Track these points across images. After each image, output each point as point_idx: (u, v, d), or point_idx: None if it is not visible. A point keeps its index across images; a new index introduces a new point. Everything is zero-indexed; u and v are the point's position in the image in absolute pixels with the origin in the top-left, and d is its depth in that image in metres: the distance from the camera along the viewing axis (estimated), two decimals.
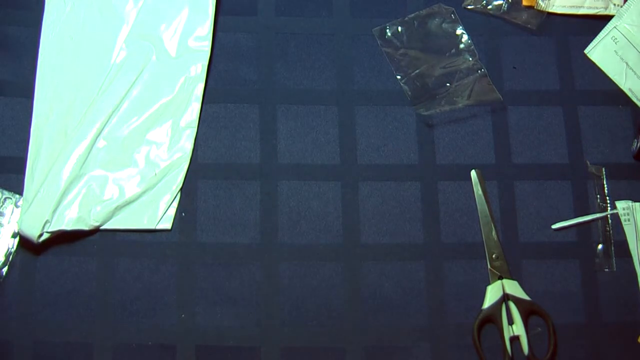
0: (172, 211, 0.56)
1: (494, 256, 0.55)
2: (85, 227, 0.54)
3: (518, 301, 0.54)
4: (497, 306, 0.54)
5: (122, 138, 0.56)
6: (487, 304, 0.54)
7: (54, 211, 0.53)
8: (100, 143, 0.55)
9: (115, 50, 0.58)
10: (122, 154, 0.56)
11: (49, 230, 0.53)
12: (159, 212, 0.55)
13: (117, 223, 0.55)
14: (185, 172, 0.56)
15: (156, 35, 0.58)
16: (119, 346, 0.53)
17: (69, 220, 0.53)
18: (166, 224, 0.55)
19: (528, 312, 0.54)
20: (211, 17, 0.59)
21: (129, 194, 0.55)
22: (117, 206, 0.54)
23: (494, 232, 0.56)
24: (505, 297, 0.54)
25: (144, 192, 0.55)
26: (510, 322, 0.54)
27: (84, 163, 0.54)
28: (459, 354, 0.54)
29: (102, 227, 0.54)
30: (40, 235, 0.53)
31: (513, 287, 0.55)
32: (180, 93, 0.57)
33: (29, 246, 0.55)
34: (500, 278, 0.55)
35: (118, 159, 0.56)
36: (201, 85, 0.58)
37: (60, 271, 0.54)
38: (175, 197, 0.56)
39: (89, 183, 0.54)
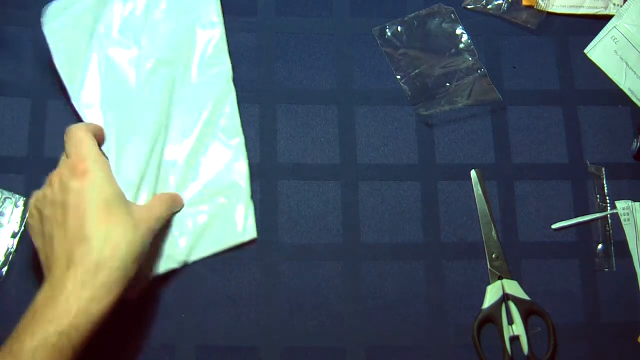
0: (252, 220, 0.55)
1: (494, 256, 0.55)
2: (176, 265, 0.53)
3: (518, 301, 0.54)
4: (497, 306, 0.54)
5: (176, 168, 0.55)
6: (487, 304, 0.54)
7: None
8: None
9: (139, 81, 0.56)
10: (179, 182, 0.55)
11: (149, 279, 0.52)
12: (238, 227, 0.54)
13: (203, 251, 0.54)
14: (248, 179, 0.56)
15: (175, 58, 0.57)
16: (118, 345, 0.53)
17: (163, 260, 0.52)
18: (252, 233, 0.55)
19: (528, 312, 0.54)
20: (222, 30, 0.58)
21: (202, 220, 0.54)
22: (197, 234, 0.54)
23: (494, 232, 0.56)
24: (505, 297, 0.54)
25: (216, 215, 0.54)
26: (510, 322, 0.54)
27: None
28: (459, 354, 0.54)
29: (190, 260, 0.54)
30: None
31: (513, 287, 0.55)
32: (216, 108, 0.57)
33: (29, 246, 0.55)
34: (500, 278, 0.55)
35: (178, 190, 0.55)
36: (234, 98, 0.57)
37: None
38: (249, 206, 0.55)
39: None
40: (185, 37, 0.58)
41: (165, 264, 0.52)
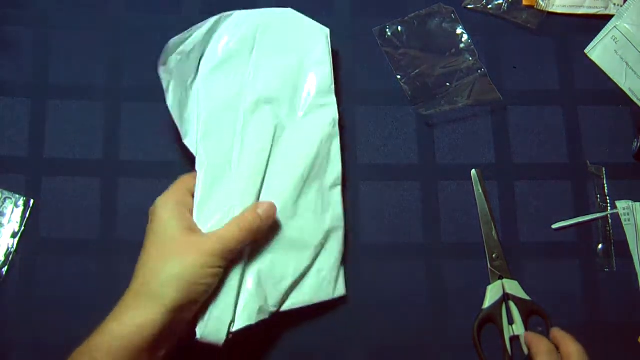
0: (342, 276, 0.53)
1: (494, 256, 0.55)
2: (267, 317, 0.50)
3: (518, 301, 0.54)
4: (497, 306, 0.54)
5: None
6: (487, 303, 0.54)
7: (235, 310, 0.48)
8: None
9: (239, 123, 0.53)
10: (275, 233, 0.51)
11: (234, 330, 0.48)
12: (330, 282, 0.52)
13: (291, 304, 0.51)
14: (343, 233, 0.54)
15: (279, 97, 0.54)
16: None
17: (250, 314, 0.49)
18: (341, 290, 0.53)
19: (528, 312, 0.54)
20: (330, 68, 0.55)
21: (295, 271, 0.51)
22: (290, 286, 0.51)
23: (494, 232, 0.56)
24: (506, 297, 0.54)
25: (310, 266, 0.52)
26: (511, 321, 0.54)
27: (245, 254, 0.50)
28: (459, 354, 0.54)
29: (281, 309, 0.51)
30: (228, 337, 0.48)
31: (513, 287, 0.55)
32: (319, 152, 0.53)
33: (29, 246, 0.55)
34: (501, 278, 0.55)
35: (273, 239, 0.51)
36: (337, 142, 0.54)
37: (60, 271, 0.54)
38: (341, 261, 0.53)
39: (256, 272, 0.50)
40: (292, 74, 0.55)
41: (257, 316, 0.49)
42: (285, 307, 0.51)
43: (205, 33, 0.54)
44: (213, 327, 0.47)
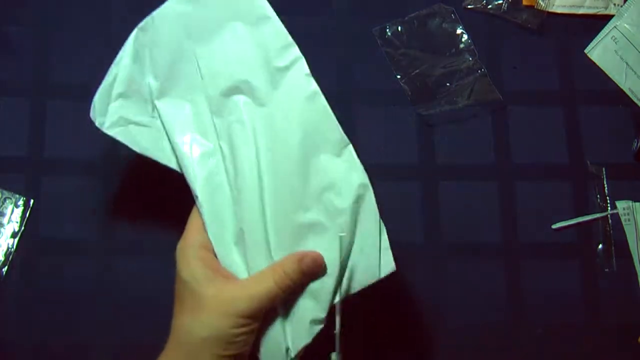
0: (387, 247, 0.44)
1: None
2: (322, 325, 0.44)
3: None
4: None
5: (286, 215, 0.44)
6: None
7: (285, 333, 0.44)
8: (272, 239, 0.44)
9: (215, 133, 0.46)
10: (300, 234, 0.44)
11: (293, 355, 0.44)
12: (373, 259, 0.44)
13: (339, 295, 0.44)
14: (372, 193, 0.45)
15: (245, 79, 0.45)
16: (119, 346, 0.53)
17: (303, 331, 0.43)
18: (389, 265, 0.44)
19: None
20: (275, 19, 0.46)
21: (333, 265, 0.43)
22: (335, 282, 0.43)
23: None
24: None
25: (348, 254, 0.43)
26: None
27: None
28: (459, 353, 0.54)
29: (335, 302, 0.44)
30: None
31: None
32: (308, 121, 0.44)
33: (29, 246, 0.55)
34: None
35: (297, 241, 0.44)
36: (321, 98, 0.45)
37: (60, 271, 0.54)
38: (382, 233, 0.44)
39: None
40: (242, 48, 0.46)
41: (311, 330, 0.44)
42: (337, 299, 0.44)
43: (132, 61, 0.48)
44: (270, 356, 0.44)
